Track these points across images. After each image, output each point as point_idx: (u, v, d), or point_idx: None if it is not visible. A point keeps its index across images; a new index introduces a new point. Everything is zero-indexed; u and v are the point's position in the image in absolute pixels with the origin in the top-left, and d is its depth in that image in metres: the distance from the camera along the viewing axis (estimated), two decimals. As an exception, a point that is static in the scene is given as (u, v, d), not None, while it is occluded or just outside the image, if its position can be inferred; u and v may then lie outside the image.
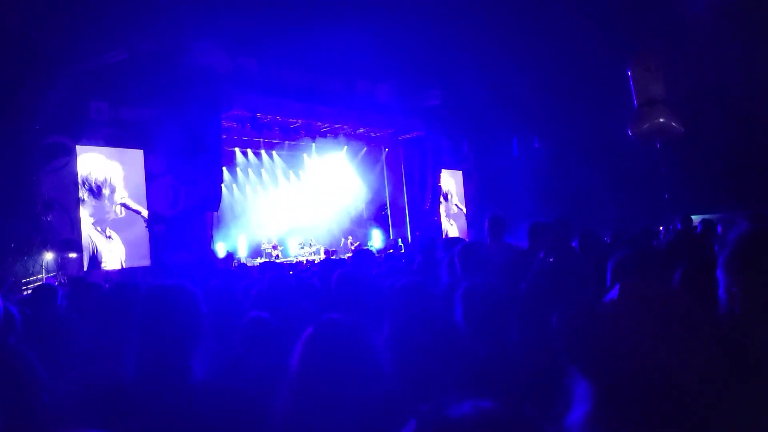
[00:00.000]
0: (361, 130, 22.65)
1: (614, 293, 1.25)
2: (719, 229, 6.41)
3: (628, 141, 15.82)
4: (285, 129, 20.78)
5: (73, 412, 2.02)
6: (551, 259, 3.29)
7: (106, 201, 16.02)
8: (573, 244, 5.50)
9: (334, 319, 1.86)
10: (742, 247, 1.68)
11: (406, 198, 24.31)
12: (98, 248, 15.79)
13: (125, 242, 16.26)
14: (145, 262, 16.40)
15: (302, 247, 21.19)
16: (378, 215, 24.93)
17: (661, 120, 10.73)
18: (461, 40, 21.85)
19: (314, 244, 21.35)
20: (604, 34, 19.37)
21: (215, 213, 18.28)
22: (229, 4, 17.56)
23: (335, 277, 3.70)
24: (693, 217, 9.27)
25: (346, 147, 23.08)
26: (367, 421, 1.67)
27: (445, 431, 0.91)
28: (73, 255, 15.14)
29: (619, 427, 1.14)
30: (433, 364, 2.26)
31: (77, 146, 15.57)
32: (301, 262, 18.63)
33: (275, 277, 4.37)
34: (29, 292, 11.75)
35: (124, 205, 16.35)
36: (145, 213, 16.71)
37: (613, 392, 1.16)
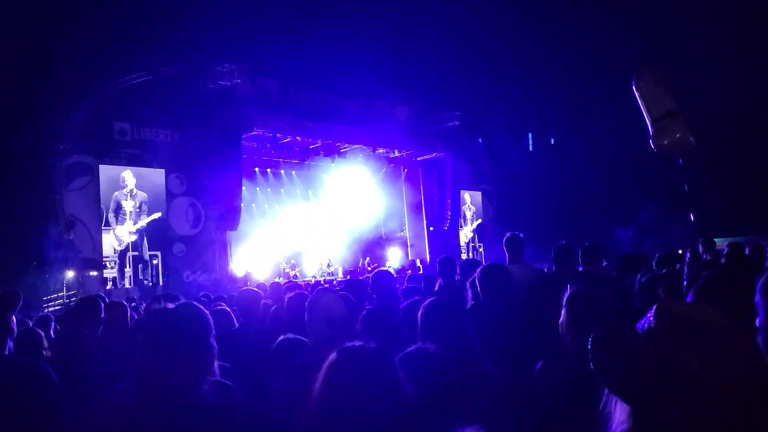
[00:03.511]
0: (380, 151, 22.70)
1: (650, 315, 1.22)
2: (746, 252, 6.27)
3: (650, 161, 15.73)
4: (304, 149, 20.90)
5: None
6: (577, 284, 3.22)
7: (128, 219, 16.17)
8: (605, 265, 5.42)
9: (357, 347, 1.82)
10: None
11: (425, 218, 24.26)
12: (118, 266, 15.91)
13: (145, 260, 16.38)
14: (165, 280, 16.49)
15: (320, 267, 21.19)
16: (396, 236, 24.89)
17: (683, 132, 10.61)
18: (480, 62, 21.96)
19: (333, 264, 21.34)
20: (626, 51, 19.36)
21: (234, 232, 18.36)
22: (251, 27, 17.86)
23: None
24: (716, 240, 9.10)
25: (364, 167, 23.14)
26: None
27: None
28: (94, 273, 15.27)
29: None
30: (460, 388, 2.21)
31: (100, 166, 15.78)
32: (319, 282, 18.62)
33: (295, 299, 4.29)
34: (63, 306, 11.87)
35: (144, 225, 16.48)
36: (165, 231, 16.83)
37: (650, 413, 1.13)
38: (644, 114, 10.96)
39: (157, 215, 16.62)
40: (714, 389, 1.07)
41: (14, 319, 2.70)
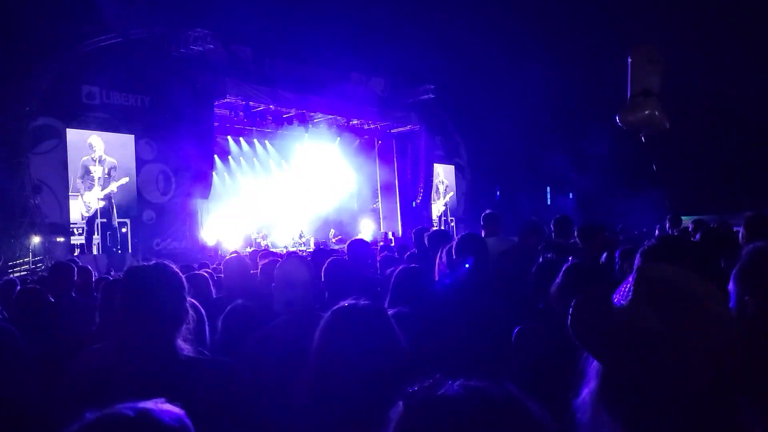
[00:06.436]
0: (355, 122, 22.60)
1: (630, 279, 1.26)
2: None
3: (620, 138, 15.93)
4: (278, 118, 20.69)
5: (77, 393, 1.99)
6: (549, 255, 3.29)
7: (96, 185, 15.87)
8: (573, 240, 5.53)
9: (351, 305, 1.87)
10: (757, 260, 1.91)
11: (398, 191, 24.30)
12: (86, 233, 15.65)
13: (114, 228, 16.14)
14: (134, 248, 16.28)
15: (293, 238, 21.14)
16: (369, 207, 24.90)
17: (654, 112, 10.79)
18: (457, 34, 21.85)
19: (305, 235, 21.31)
20: (601, 30, 19.45)
21: (205, 200, 18.17)
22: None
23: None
24: (683, 218, 9.32)
25: (338, 138, 23.02)
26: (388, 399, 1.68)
27: (433, 411, 0.90)
28: (60, 239, 14.99)
29: (624, 404, 1.15)
30: (440, 350, 2.26)
31: (67, 129, 15.39)
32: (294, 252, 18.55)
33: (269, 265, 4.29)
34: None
35: (112, 190, 16.20)
36: (135, 198, 16.58)
37: (621, 373, 1.18)
38: (627, 86, 11.12)
39: (124, 180, 16.32)
40: (679, 351, 1.11)
41: None
